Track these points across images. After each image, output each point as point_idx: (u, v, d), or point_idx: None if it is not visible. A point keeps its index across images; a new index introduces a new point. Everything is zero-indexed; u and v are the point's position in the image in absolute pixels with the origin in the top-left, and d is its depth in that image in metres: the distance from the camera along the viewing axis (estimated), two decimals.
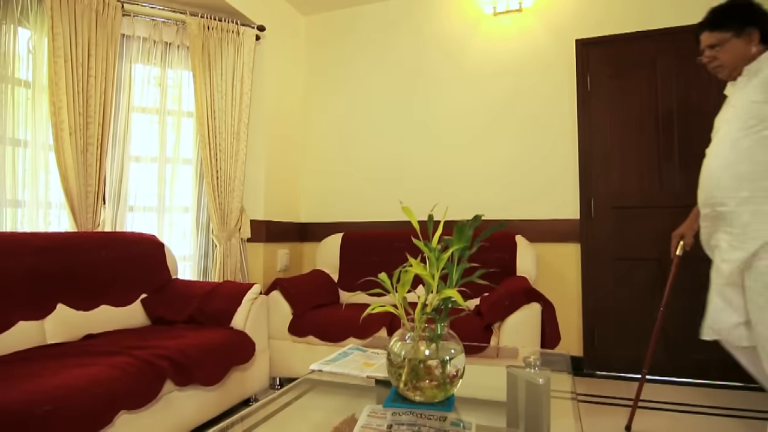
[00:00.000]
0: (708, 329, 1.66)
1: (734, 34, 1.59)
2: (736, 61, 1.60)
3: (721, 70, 1.66)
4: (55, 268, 1.95)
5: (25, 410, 1.22)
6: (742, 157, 1.50)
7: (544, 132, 3.00)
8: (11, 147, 2.15)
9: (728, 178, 1.52)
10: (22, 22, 2.20)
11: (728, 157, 1.54)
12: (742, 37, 1.58)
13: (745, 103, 1.53)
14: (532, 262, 2.68)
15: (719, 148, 1.59)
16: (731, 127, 1.56)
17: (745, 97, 1.55)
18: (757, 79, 1.52)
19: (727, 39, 1.60)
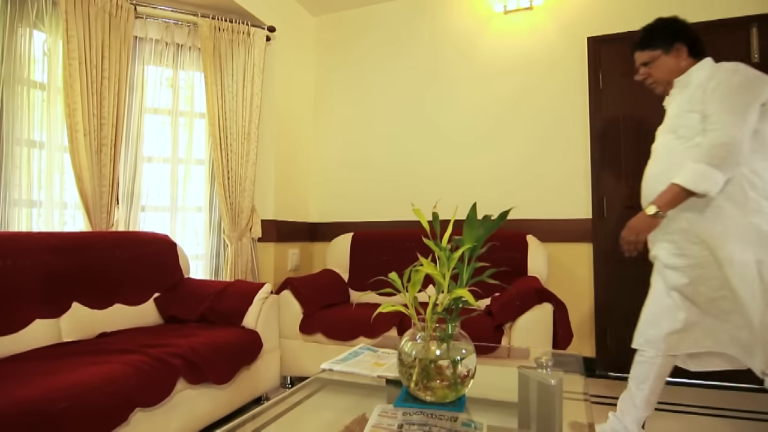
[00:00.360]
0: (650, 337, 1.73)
1: (663, 51, 1.69)
2: (668, 76, 1.70)
3: (656, 86, 1.76)
4: (71, 267, 1.98)
5: (41, 407, 1.24)
6: (675, 164, 1.57)
7: (556, 131, 2.97)
8: (27, 148, 2.19)
9: (663, 185, 1.57)
10: (37, 25, 2.24)
11: (663, 165, 1.63)
12: (671, 54, 1.68)
13: (678, 113, 1.62)
14: (543, 261, 2.66)
15: (656, 156, 1.69)
16: (666, 136, 1.66)
17: (677, 107, 1.64)
18: (687, 91, 1.62)
19: (657, 56, 1.70)
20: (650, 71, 1.74)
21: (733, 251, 1.48)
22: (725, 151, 1.43)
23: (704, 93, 1.54)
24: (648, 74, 1.75)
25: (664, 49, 1.69)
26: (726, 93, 1.50)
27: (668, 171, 1.58)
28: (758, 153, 1.50)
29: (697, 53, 1.68)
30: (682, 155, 1.56)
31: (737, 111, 1.46)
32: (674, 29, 1.69)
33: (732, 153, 1.43)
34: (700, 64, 1.65)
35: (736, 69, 1.54)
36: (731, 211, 1.49)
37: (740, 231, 1.48)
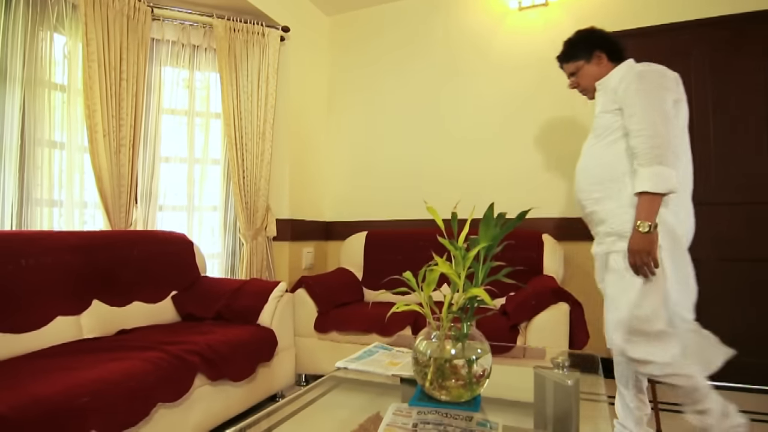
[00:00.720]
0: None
1: (585, 60, 1.80)
2: (593, 83, 1.79)
3: (586, 93, 1.86)
4: (91, 265, 2.02)
5: (64, 402, 1.27)
6: (594, 161, 1.68)
7: (573, 128, 2.93)
8: (48, 149, 2.24)
9: (584, 181, 1.71)
10: (57, 29, 2.28)
11: (584, 163, 1.74)
12: (592, 62, 1.79)
13: (598, 113, 1.72)
14: (559, 261, 2.63)
15: (582, 154, 1.78)
16: (590, 136, 1.76)
17: (598, 108, 1.74)
18: (606, 92, 1.71)
19: (580, 66, 1.82)
20: (578, 80, 1.85)
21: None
22: (663, 149, 1.48)
23: (616, 94, 1.63)
24: (576, 83, 1.87)
25: (586, 59, 1.80)
26: (644, 93, 1.55)
27: (588, 169, 1.71)
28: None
29: (616, 58, 1.78)
30: (599, 154, 1.67)
31: (658, 109, 1.52)
32: (592, 39, 1.82)
33: (667, 149, 1.48)
34: (618, 67, 1.73)
35: (647, 69, 1.61)
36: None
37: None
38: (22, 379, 1.35)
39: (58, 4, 2.26)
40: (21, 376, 1.39)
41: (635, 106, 1.55)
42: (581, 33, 1.86)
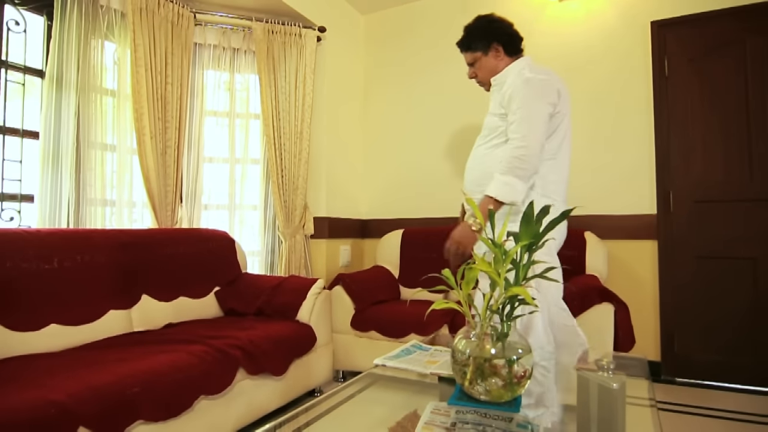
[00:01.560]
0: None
1: (483, 52, 1.73)
2: (490, 76, 1.74)
3: (483, 86, 1.80)
4: (140, 261, 2.12)
5: (117, 391, 1.34)
6: (476, 162, 1.69)
7: (617, 121, 2.82)
8: (100, 151, 2.36)
9: (468, 182, 1.73)
10: (108, 36, 2.40)
11: (470, 163, 1.74)
12: (490, 54, 1.72)
13: (488, 113, 1.71)
14: (602, 260, 2.53)
15: (472, 152, 1.76)
16: (480, 134, 1.73)
17: (490, 107, 1.71)
18: (498, 91, 1.67)
19: (478, 57, 1.74)
20: (476, 71, 1.78)
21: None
22: (526, 162, 1.51)
23: (503, 98, 1.62)
24: (474, 74, 1.79)
25: (483, 51, 1.73)
26: (525, 103, 1.55)
27: (471, 169, 1.72)
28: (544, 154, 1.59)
29: (513, 52, 1.73)
30: (481, 155, 1.69)
31: (534, 120, 1.54)
32: (489, 30, 1.73)
33: (532, 163, 1.52)
34: (512, 66, 1.69)
35: (534, 77, 1.60)
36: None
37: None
38: (79, 369, 1.43)
39: (109, 14, 2.37)
40: (78, 366, 1.48)
41: (515, 114, 1.56)
42: (480, 21, 1.78)
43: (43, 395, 1.19)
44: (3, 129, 2.09)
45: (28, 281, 1.69)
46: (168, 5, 2.57)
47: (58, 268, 1.79)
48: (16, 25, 2.14)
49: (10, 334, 1.60)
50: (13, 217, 2.12)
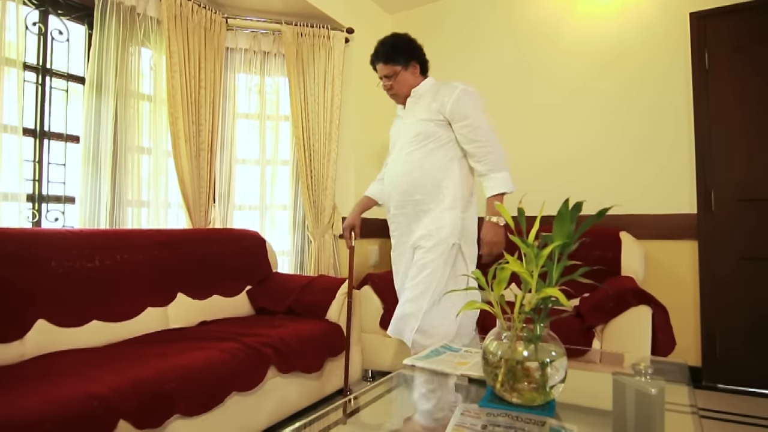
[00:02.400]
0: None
1: (403, 67, 1.89)
2: (407, 90, 1.92)
3: (396, 98, 1.97)
4: (175, 260, 2.18)
5: (155, 385, 1.39)
6: (414, 167, 1.80)
7: (654, 116, 2.73)
8: (137, 154, 2.44)
9: (405, 184, 1.82)
10: (144, 43, 2.48)
11: (404, 167, 1.83)
12: (408, 70, 1.91)
13: (414, 121, 1.85)
14: (639, 260, 2.45)
15: (398, 158, 1.87)
16: (405, 140, 1.86)
17: (413, 116, 1.87)
18: (421, 102, 1.87)
19: (398, 71, 1.89)
20: (392, 84, 1.92)
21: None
22: (500, 156, 1.78)
23: (443, 106, 1.79)
24: (390, 86, 1.93)
25: (404, 66, 1.89)
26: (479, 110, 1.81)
27: (409, 173, 1.81)
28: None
29: (424, 71, 1.98)
30: (420, 160, 1.79)
31: (485, 124, 1.79)
32: (411, 48, 1.92)
33: (503, 155, 1.79)
34: (433, 83, 1.95)
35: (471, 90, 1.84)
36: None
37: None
38: (120, 364, 1.49)
39: (145, 21, 2.46)
40: (118, 361, 1.54)
41: (465, 121, 1.78)
42: (401, 39, 1.93)
43: (86, 389, 1.24)
44: (48, 134, 2.19)
45: (72, 279, 1.77)
46: (201, 11, 2.64)
47: (100, 267, 1.87)
48: (59, 35, 2.24)
49: (55, 330, 1.68)
50: (57, 218, 2.23)
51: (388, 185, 1.92)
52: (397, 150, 1.91)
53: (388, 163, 1.99)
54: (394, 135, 1.99)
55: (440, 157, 1.79)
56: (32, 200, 2.12)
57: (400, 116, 2.00)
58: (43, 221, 2.17)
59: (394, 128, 2.02)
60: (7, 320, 1.56)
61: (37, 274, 1.67)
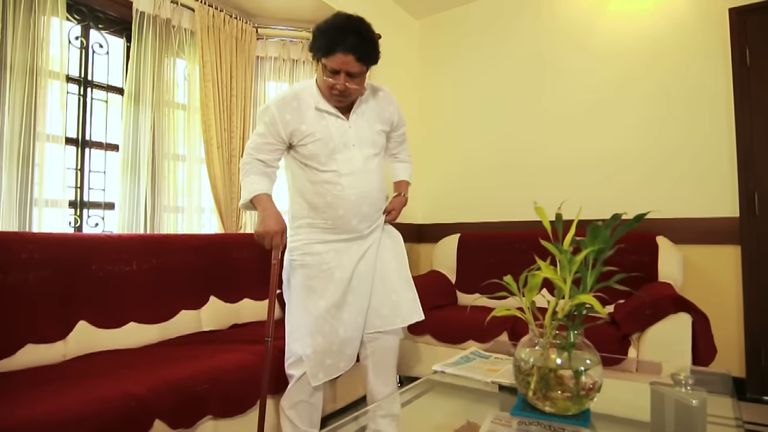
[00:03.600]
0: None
1: (367, 69, 1.60)
2: (359, 94, 1.64)
3: (344, 99, 1.61)
4: (208, 265, 2.23)
5: (188, 387, 1.42)
6: (377, 176, 1.70)
7: (692, 116, 2.63)
8: (173, 161, 2.52)
9: (376, 197, 1.71)
10: (179, 54, 2.57)
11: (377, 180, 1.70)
12: (366, 73, 1.62)
13: (369, 130, 1.68)
14: (677, 266, 2.36)
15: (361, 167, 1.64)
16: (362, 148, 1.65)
17: (364, 123, 1.67)
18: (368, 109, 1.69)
19: (364, 72, 1.59)
20: (354, 83, 1.57)
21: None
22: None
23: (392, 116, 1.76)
24: (346, 87, 1.55)
25: (368, 68, 1.61)
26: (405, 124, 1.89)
27: (375, 181, 1.68)
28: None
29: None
30: (378, 169, 1.71)
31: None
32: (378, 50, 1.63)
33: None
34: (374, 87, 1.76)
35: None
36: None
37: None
38: (155, 365, 1.54)
39: (180, 33, 2.54)
40: (154, 362, 1.58)
41: (403, 134, 1.88)
42: (374, 38, 1.64)
43: (124, 389, 1.28)
44: (89, 143, 2.29)
45: (111, 282, 1.84)
46: (233, 22, 2.71)
47: (137, 271, 1.93)
48: (99, 48, 2.35)
49: (95, 331, 1.75)
50: (97, 223, 2.32)
51: (353, 194, 1.63)
52: (349, 157, 1.63)
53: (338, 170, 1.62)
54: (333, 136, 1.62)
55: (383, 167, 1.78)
56: (74, 206, 2.22)
57: (328, 113, 1.63)
58: (84, 226, 2.26)
59: (330, 128, 1.62)
60: (51, 321, 1.63)
61: (78, 277, 1.74)
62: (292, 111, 1.60)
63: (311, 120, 1.60)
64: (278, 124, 1.59)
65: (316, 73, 1.63)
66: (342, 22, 1.53)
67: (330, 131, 1.61)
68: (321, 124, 1.61)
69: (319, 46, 1.52)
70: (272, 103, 1.62)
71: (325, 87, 1.57)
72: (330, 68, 1.52)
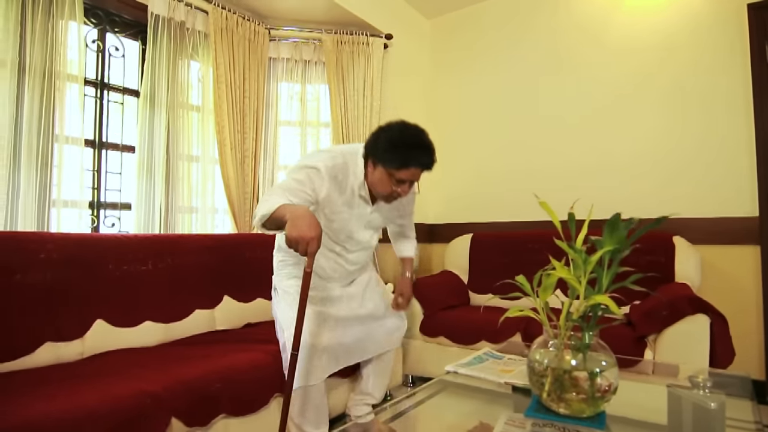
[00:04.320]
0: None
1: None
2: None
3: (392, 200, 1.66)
4: (222, 264, 2.25)
5: (201, 386, 1.43)
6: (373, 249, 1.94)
7: (708, 114, 2.58)
8: (187, 162, 2.55)
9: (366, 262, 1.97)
10: (193, 56, 2.59)
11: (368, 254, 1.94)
12: None
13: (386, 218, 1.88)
14: (694, 267, 2.32)
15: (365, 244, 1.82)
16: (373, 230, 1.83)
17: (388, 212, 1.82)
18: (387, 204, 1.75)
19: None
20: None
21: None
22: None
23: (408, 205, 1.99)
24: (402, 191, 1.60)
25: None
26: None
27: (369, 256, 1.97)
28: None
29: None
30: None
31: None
32: None
33: None
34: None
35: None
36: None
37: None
38: (170, 364, 1.56)
39: (194, 35, 2.57)
40: (169, 360, 1.60)
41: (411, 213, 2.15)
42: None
43: (140, 387, 1.30)
44: (106, 144, 2.33)
45: (127, 282, 1.86)
46: (245, 24, 2.74)
47: (153, 270, 1.96)
48: (116, 51, 2.38)
49: (111, 329, 1.77)
50: (114, 224, 2.36)
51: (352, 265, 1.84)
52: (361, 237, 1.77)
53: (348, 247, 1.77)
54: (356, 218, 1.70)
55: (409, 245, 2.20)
56: (92, 207, 2.25)
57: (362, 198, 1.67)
58: (101, 227, 2.30)
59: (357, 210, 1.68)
60: (69, 320, 1.66)
61: (95, 276, 1.77)
62: (336, 183, 1.60)
63: (346, 199, 1.63)
64: (317, 183, 1.56)
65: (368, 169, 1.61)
66: (416, 139, 1.56)
67: (355, 213, 1.68)
68: (352, 206, 1.66)
69: (391, 158, 1.52)
70: (322, 163, 1.56)
71: (383, 190, 1.59)
72: (398, 178, 1.54)
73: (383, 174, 1.55)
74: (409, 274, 2.01)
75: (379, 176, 1.57)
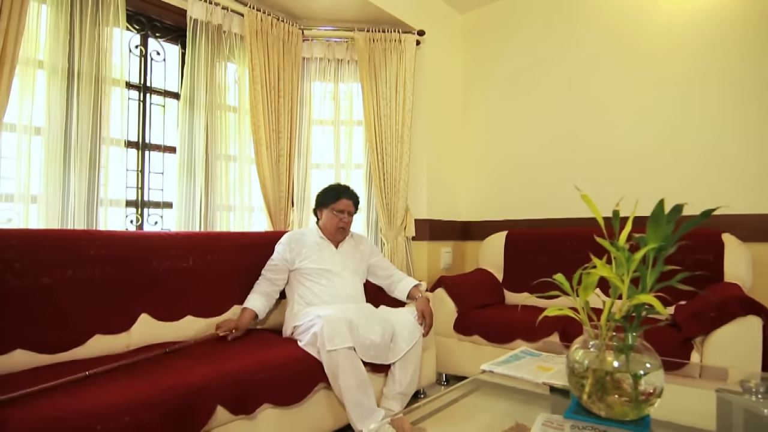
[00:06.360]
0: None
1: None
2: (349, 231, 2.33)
3: (342, 233, 2.26)
4: (259, 261, 2.29)
5: (245, 377, 1.50)
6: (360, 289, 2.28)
7: (758, 105, 2.43)
8: (224, 161, 2.62)
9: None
10: (230, 58, 2.66)
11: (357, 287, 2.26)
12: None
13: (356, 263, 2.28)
14: (745, 266, 2.20)
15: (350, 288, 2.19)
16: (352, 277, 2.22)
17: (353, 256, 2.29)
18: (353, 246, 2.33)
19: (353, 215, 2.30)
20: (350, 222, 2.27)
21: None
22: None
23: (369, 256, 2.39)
24: (347, 223, 2.25)
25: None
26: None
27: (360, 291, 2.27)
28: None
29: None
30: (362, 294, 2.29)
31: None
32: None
33: None
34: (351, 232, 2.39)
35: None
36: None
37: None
38: (213, 357, 1.62)
39: (230, 37, 2.63)
40: (211, 353, 1.67)
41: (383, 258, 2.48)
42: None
43: (186, 378, 1.36)
44: (149, 145, 2.42)
45: (170, 278, 1.94)
46: (280, 25, 2.78)
47: (193, 267, 2.02)
48: (157, 55, 2.47)
49: (155, 323, 1.85)
50: (156, 222, 2.45)
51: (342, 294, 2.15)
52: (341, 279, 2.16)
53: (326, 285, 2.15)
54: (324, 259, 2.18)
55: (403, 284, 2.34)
56: (135, 206, 2.35)
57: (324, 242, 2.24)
58: (145, 225, 2.39)
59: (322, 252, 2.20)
60: (116, 314, 1.74)
61: (140, 272, 1.85)
62: (298, 242, 2.21)
63: (311, 246, 2.21)
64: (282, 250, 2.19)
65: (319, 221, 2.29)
66: (341, 185, 2.31)
67: (325, 254, 2.20)
68: (321, 248, 2.22)
69: (329, 197, 2.23)
70: (284, 238, 2.23)
71: (331, 225, 2.21)
72: (337, 209, 2.20)
73: (328, 213, 2.21)
74: (422, 296, 2.23)
75: (327, 216, 2.22)
